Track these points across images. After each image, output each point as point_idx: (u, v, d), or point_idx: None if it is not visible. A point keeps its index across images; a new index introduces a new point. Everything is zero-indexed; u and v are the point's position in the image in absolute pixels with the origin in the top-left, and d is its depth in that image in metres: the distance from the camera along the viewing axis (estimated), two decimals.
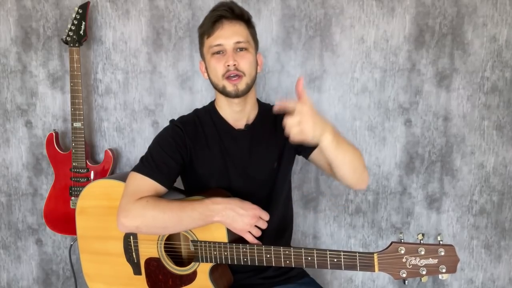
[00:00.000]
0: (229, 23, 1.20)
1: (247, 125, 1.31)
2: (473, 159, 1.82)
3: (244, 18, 1.23)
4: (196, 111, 1.36)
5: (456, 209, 1.86)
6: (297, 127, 1.01)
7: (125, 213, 1.14)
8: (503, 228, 1.86)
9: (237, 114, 1.30)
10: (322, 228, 1.92)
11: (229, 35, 1.19)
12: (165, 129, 1.30)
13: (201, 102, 1.86)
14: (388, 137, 1.84)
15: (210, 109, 1.34)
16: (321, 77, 1.81)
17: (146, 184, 1.18)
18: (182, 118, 1.33)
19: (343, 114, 1.83)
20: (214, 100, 1.35)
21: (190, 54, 1.83)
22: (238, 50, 1.21)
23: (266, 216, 1.15)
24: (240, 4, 1.75)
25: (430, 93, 1.79)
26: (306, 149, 1.32)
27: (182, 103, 1.87)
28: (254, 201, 1.18)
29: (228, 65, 1.19)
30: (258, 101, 1.38)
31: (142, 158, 1.25)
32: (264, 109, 1.37)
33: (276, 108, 1.06)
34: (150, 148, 1.26)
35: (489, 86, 1.77)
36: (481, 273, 1.90)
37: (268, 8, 1.78)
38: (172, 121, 1.32)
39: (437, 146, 1.83)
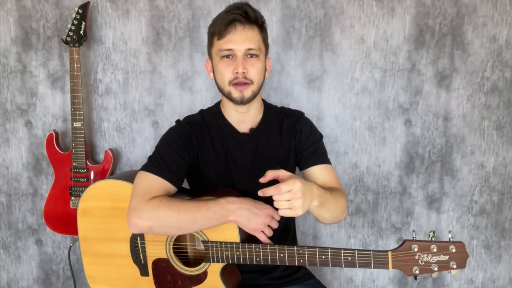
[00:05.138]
0: (242, 27, 1.17)
1: (252, 129, 1.30)
2: (473, 159, 1.82)
3: (258, 22, 1.20)
4: (202, 112, 1.35)
5: (456, 209, 1.86)
6: (287, 204, 1.01)
7: (137, 213, 1.12)
8: (503, 228, 1.86)
9: (242, 116, 1.29)
10: (322, 228, 1.92)
11: (240, 40, 1.17)
12: (172, 128, 1.30)
13: (201, 102, 1.86)
14: (388, 137, 1.84)
15: (216, 111, 1.33)
16: (321, 77, 1.81)
17: (157, 183, 1.17)
18: (188, 119, 1.33)
19: (343, 114, 1.83)
20: (220, 101, 1.34)
21: (190, 54, 1.83)
22: (248, 56, 1.19)
23: (278, 216, 1.15)
24: None
25: (430, 93, 1.79)
26: (301, 164, 1.32)
27: (182, 103, 1.87)
28: None
29: (237, 72, 1.18)
30: (265, 102, 1.37)
31: (150, 158, 1.23)
32: (270, 111, 1.35)
33: (262, 180, 1.06)
34: (157, 147, 1.26)
35: (489, 86, 1.77)
36: (481, 273, 1.90)
37: (268, 8, 1.78)
38: (178, 121, 1.32)
39: (437, 146, 1.83)
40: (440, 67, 1.77)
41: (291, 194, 1.00)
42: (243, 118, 1.30)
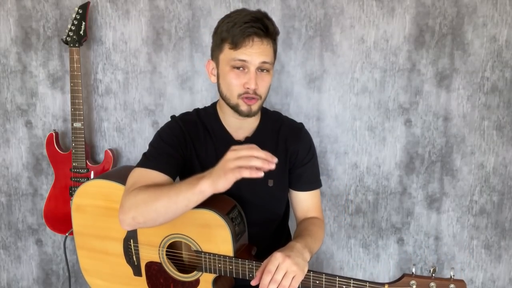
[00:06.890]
0: (260, 41, 1.14)
1: (247, 138, 1.27)
2: (473, 159, 1.82)
3: (273, 36, 1.19)
4: (198, 111, 1.32)
5: (456, 209, 1.86)
6: (287, 276, 1.00)
7: (121, 209, 1.08)
8: (503, 228, 1.86)
9: (241, 123, 1.26)
10: None
11: (256, 54, 1.13)
12: (167, 124, 1.28)
13: (201, 102, 1.86)
14: (388, 137, 1.84)
15: (212, 113, 1.30)
16: (321, 77, 1.81)
17: (147, 176, 1.13)
18: (184, 116, 1.30)
19: (343, 114, 1.83)
20: (217, 103, 1.31)
21: (190, 54, 1.83)
22: (260, 70, 1.16)
23: (259, 152, 0.95)
24: (240, 4, 1.76)
25: (430, 93, 1.79)
26: (290, 184, 1.33)
27: (182, 103, 1.87)
28: (249, 220, 1.22)
29: (248, 88, 1.14)
30: (264, 109, 1.33)
31: (144, 154, 1.21)
32: (267, 118, 1.33)
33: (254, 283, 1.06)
34: (151, 142, 1.24)
35: (489, 86, 1.77)
36: (481, 273, 1.90)
37: (268, 8, 1.78)
38: (173, 117, 1.30)
39: (437, 146, 1.83)
40: (440, 67, 1.77)
41: (282, 266, 1.00)
42: (241, 125, 1.27)
